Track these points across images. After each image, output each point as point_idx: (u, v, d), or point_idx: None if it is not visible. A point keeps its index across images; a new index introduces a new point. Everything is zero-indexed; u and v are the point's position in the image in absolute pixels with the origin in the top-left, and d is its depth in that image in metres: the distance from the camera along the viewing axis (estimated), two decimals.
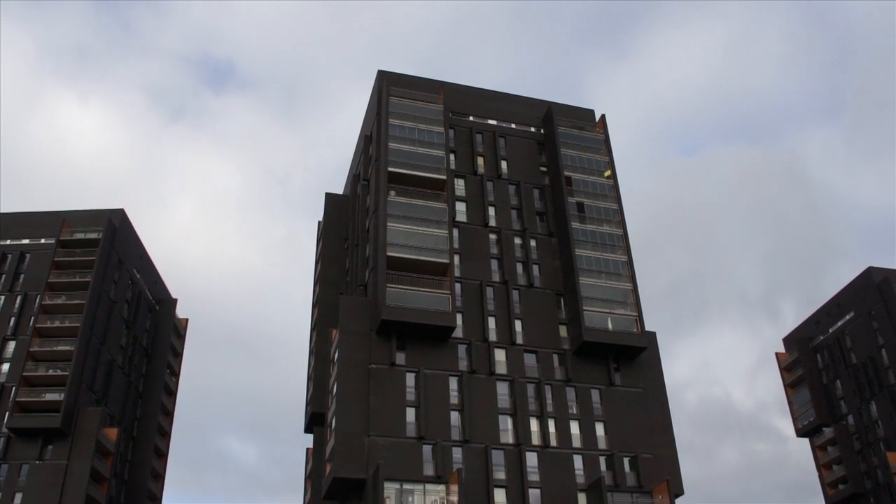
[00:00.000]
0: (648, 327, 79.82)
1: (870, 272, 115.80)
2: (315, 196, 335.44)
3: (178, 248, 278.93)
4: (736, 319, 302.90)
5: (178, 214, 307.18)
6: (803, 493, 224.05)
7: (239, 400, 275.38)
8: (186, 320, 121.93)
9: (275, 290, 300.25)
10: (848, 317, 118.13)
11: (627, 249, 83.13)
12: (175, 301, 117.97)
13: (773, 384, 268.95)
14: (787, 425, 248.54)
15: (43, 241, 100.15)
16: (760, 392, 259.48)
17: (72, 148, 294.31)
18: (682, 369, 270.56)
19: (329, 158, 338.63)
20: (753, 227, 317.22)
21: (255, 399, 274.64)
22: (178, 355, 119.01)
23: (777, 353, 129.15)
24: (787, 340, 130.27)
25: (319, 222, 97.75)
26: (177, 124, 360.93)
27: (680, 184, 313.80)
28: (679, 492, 73.87)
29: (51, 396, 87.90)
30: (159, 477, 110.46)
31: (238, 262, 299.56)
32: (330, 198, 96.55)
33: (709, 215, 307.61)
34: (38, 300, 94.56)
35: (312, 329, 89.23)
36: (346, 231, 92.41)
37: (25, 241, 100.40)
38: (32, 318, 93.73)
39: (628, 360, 78.59)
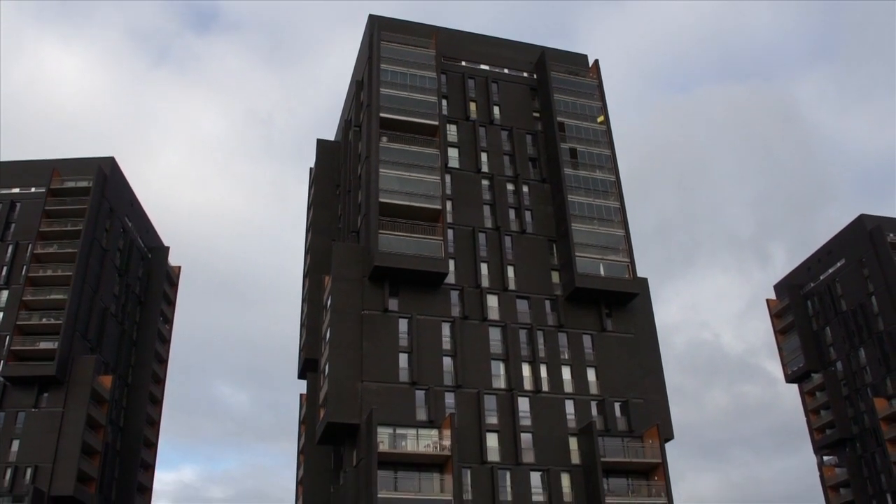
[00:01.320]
0: (638, 270, 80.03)
1: (862, 220, 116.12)
2: (303, 141, 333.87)
3: (167, 195, 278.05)
4: (726, 262, 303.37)
5: (165, 161, 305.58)
6: (791, 437, 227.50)
7: (231, 347, 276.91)
8: (179, 268, 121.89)
9: (265, 236, 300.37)
10: (839, 264, 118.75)
11: (620, 196, 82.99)
12: (167, 249, 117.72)
13: (762, 328, 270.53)
14: (776, 369, 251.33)
15: (33, 189, 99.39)
16: (750, 336, 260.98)
17: (56, 94, 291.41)
18: (671, 312, 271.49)
19: (317, 103, 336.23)
20: (744, 168, 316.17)
21: (247, 345, 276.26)
22: (171, 303, 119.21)
23: (768, 300, 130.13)
24: (779, 287, 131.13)
25: (311, 169, 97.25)
26: (161, 68, 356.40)
27: (670, 124, 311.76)
28: (669, 436, 74.82)
29: (45, 345, 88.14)
30: (155, 423, 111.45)
31: (228, 209, 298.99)
32: (321, 144, 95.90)
33: (699, 156, 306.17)
34: (29, 249, 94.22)
35: (305, 276, 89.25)
36: (338, 177, 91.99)
37: (16, 190, 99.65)
38: (24, 267, 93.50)
39: (620, 306, 79.00)
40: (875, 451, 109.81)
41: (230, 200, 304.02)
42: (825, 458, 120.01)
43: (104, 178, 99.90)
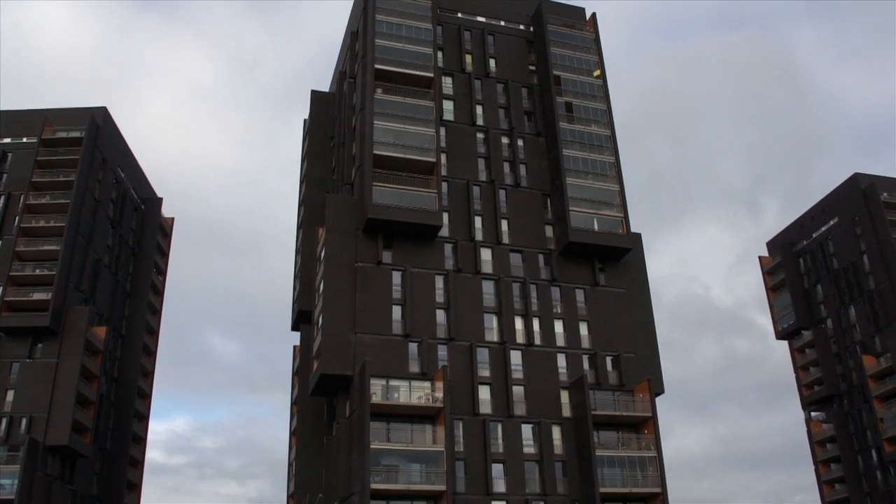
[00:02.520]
0: (629, 222, 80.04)
1: (856, 178, 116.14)
2: (292, 90, 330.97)
3: (157, 144, 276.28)
4: (717, 215, 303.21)
5: (154, 109, 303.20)
6: (779, 393, 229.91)
7: (223, 298, 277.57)
8: (172, 219, 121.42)
9: (256, 187, 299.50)
10: (832, 222, 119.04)
11: (615, 150, 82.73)
12: (160, 200, 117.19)
13: (753, 282, 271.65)
14: (766, 323, 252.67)
15: (25, 139, 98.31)
16: (740, 290, 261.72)
17: (43, 41, 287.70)
18: (661, 265, 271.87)
19: (307, 52, 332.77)
20: (738, 119, 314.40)
21: (239, 297, 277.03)
22: (165, 254, 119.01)
23: (760, 257, 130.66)
24: (771, 244, 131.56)
25: (305, 120, 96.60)
26: (148, 13, 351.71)
27: (663, 73, 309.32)
28: (659, 390, 75.59)
29: (38, 296, 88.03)
30: (149, 374, 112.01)
31: (218, 159, 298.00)
32: (315, 95, 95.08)
33: (692, 106, 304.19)
34: (21, 200, 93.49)
35: (298, 227, 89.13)
36: (333, 129, 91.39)
37: (7, 140, 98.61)
38: (17, 217, 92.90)
39: (613, 261, 79.19)
40: (862, 407, 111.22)
41: (221, 150, 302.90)
42: (813, 413, 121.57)
43: (96, 128, 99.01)
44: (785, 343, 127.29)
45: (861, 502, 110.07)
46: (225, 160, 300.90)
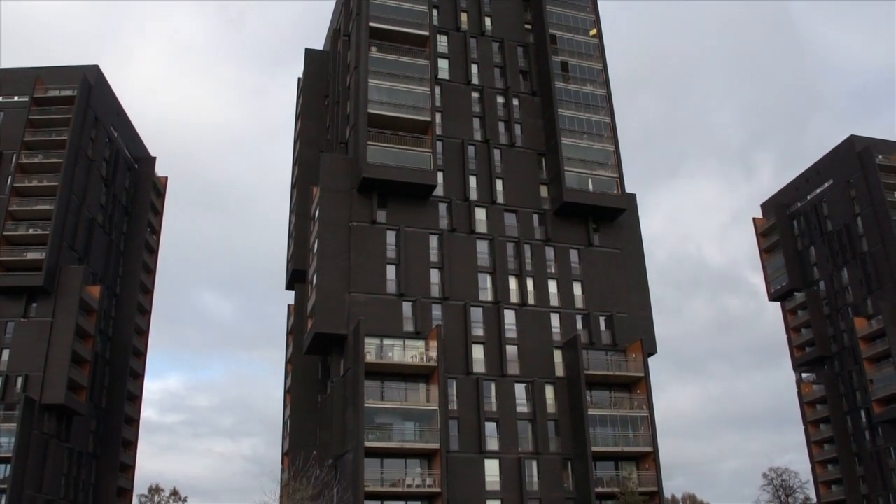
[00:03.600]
0: (624, 182, 79.98)
1: (851, 140, 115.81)
2: (286, 48, 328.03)
3: (150, 104, 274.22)
4: (711, 173, 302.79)
5: (144, 67, 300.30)
6: (770, 354, 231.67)
7: (217, 257, 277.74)
8: (166, 178, 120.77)
9: (249, 146, 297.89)
10: (827, 184, 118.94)
11: (611, 110, 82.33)
12: (154, 159, 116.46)
13: (745, 241, 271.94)
14: (758, 283, 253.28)
15: (16, 98, 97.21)
16: (733, 250, 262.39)
17: (31, 1, 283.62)
18: (653, 224, 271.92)
19: (297, 8, 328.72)
20: (733, 77, 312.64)
21: (233, 256, 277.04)
22: (159, 213, 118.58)
23: (754, 219, 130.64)
24: (765, 206, 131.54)
25: (299, 79, 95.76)
26: None
27: (658, 29, 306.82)
28: (652, 350, 76.06)
29: (32, 255, 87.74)
30: (143, 333, 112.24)
31: (212, 119, 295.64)
32: (309, 54, 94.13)
33: (687, 63, 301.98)
34: (14, 159, 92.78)
35: (293, 187, 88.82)
36: (327, 88, 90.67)
37: None
38: (10, 177, 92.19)
39: (607, 221, 79.26)
40: (852, 369, 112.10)
41: (214, 111, 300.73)
42: (804, 375, 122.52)
43: (89, 87, 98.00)
44: (776, 304, 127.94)
45: (849, 462, 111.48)
46: (218, 120, 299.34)
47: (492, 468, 67.36)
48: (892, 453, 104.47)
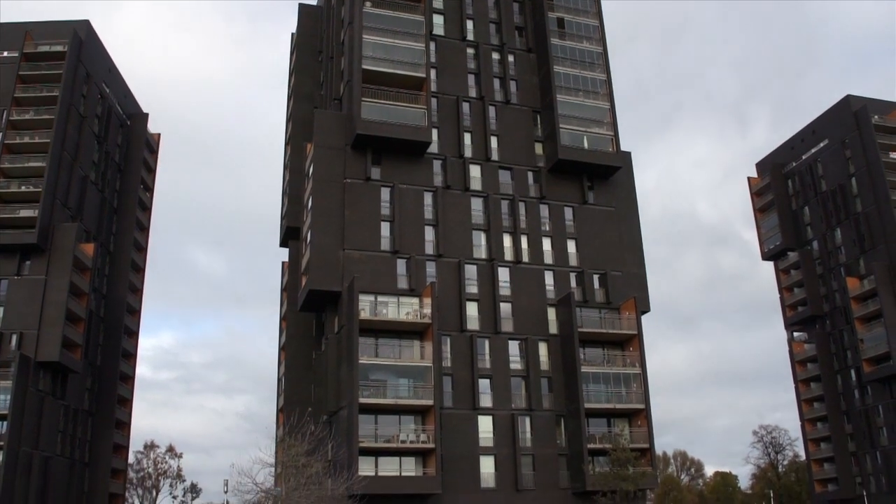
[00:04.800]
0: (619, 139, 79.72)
1: (848, 100, 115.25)
2: (281, 1, 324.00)
3: (141, 60, 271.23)
4: (705, 128, 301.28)
5: (134, 22, 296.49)
6: (762, 312, 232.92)
7: (210, 214, 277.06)
8: (159, 135, 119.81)
9: (242, 102, 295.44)
10: (822, 144, 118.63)
11: (606, 67, 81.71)
12: (146, 116, 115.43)
13: (739, 197, 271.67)
14: (751, 241, 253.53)
15: (6, 53, 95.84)
16: (726, 206, 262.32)
17: None
18: (645, 179, 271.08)
19: None
20: (728, 27, 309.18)
21: (226, 213, 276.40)
22: (152, 171, 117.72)
23: (749, 178, 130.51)
24: (760, 165, 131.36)
25: (293, 34, 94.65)
26: None
27: None
28: (646, 309, 76.38)
29: (25, 213, 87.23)
30: (137, 290, 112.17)
31: (203, 72, 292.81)
32: (303, 8, 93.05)
33: (681, 11, 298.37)
34: (4, 116, 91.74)
35: (287, 143, 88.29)
36: (321, 43, 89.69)
37: None
38: (1, 134, 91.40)
39: (602, 179, 79.08)
40: (844, 328, 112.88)
41: (204, 64, 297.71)
42: (795, 334, 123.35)
43: (79, 42, 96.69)
44: (769, 263, 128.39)
45: (838, 420, 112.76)
46: (210, 76, 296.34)
47: (485, 424, 67.96)
48: (881, 412, 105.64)
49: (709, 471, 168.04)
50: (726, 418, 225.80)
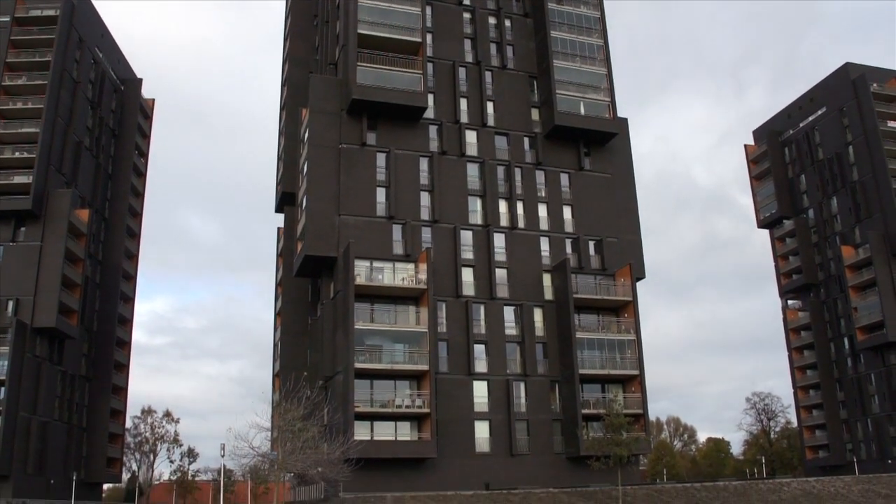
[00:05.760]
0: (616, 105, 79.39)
1: (847, 68, 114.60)
2: None
3: (133, 23, 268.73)
4: (702, 90, 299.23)
5: None
6: (757, 280, 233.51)
7: (205, 179, 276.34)
8: (153, 101, 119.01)
9: (236, 66, 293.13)
10: (820, 112, 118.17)
11: (604, 33, 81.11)
12: (140, 81, 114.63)
13: (735, 164, 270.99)
14: (747, 206, 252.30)
15: None
16: (722, 171, 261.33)
17: None
18: (640, 143, 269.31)
19: None
20: None
21: (221, 179, 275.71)
22: (146, 136, 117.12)
23: (746, 145, 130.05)
24: (757, 133, 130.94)
25: None
26: None
27: None
28: (641, 276, 76.58)
29: (19, 179, 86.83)
30: (133, 256, 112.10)
31: (196, 37, 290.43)
32: None
33: None
34: None
35: (282, 108, 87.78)
36: (316, 7, 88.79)
37: None
38: None
39: (598, 146, 78.85)
40: (838, 296, 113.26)
41: (197, 28, 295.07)
42: (790, 301, 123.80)
43: (71, 6, 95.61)
44: (764, 231, 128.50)
45: (830, 388, 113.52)
46: (203, 41, 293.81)
47: (480, 390, 68.38)
48: (873, 380, 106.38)
49: (701, 437, 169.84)
50: (719, 385, 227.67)
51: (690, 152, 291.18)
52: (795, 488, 58.05)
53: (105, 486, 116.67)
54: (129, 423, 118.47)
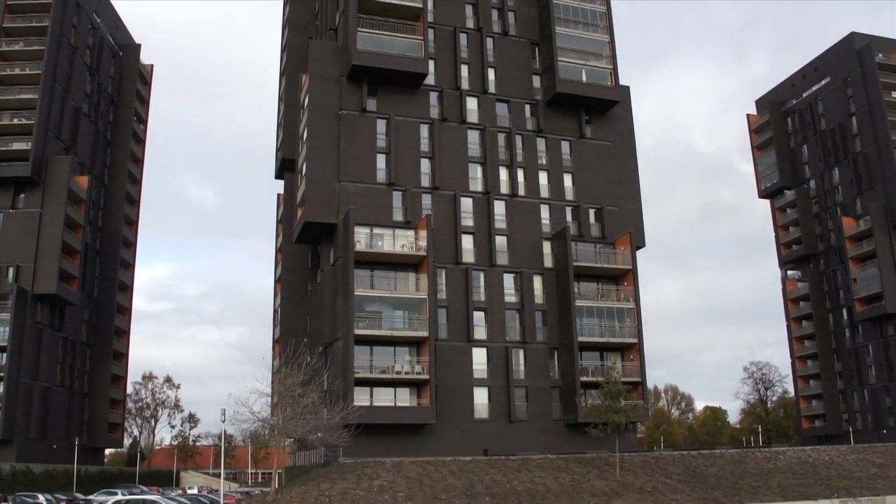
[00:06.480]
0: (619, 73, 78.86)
1: (852, 37, 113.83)
2: None
3: None
4: (703, 58, 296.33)
5: None
6: (757, 250, 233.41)
7: (204, 146, 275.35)
8: (152, 66, 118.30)
9: (235, 30, 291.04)
10: (824, 82, 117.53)
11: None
12: (139, 46, 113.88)
13: (736, 131, 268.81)
14: (747, 175, 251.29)
15: None
16: (723, 139, 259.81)
17: None
18: (642, 109, 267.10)
19: None
20: None
21: (219, 145, 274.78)
22: (145, 102, 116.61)
23: (748, 115, 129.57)
24: (760, 102, 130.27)
25: None
26: None
27: None
28: (641, 244, 76.46)
29: (18, 145, 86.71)
30: (133, 222, 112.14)
31: (196, 1, 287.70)
32: None
33: None
34: None
35: (281, 74, 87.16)
36: None
37: None
38: None
39: (600, 113, 78.37)
40: (837, 267, 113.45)
41: None
42: (789, 272, 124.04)
43: None
44: (765, 202, 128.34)
45: (828, 358, 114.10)
46: (204, 6, 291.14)
47: (479, 356, 68.55)
48: (870, 351, 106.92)
49: (699, 405, 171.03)
50: (717, 354, 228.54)
51: (691, 119, 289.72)
52: (791, 457, 58.43)
53: (107, 451, 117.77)
54: (130, 389, 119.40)
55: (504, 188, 73.30)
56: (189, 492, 77.99)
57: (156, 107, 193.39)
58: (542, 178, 75.09)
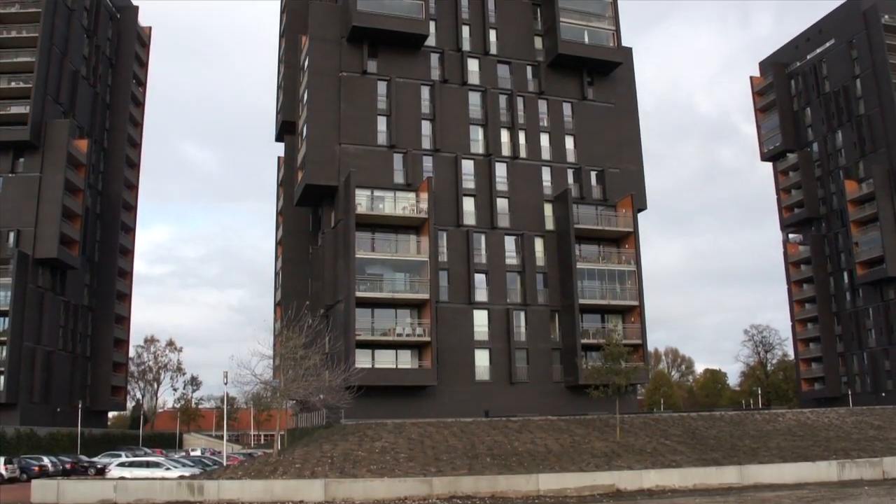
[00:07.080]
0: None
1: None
2: None
3: None
4: (705, 17, 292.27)
5: None
6: (758, 212, 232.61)
7: (202, 108, 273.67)
8: (150, 28, 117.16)
9: None
10: (828, 44, 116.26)
11: None
12: (136, 8, 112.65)
13: (739, 93, 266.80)
14: (749, 136, 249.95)
15: None
16: (725, 100, 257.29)
17: None
18: (642, 69, 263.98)
19: None
20: None
21: (218, 107, 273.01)
22: (144, 65, 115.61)
23: (751, 77, 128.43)
24: (763, 64, 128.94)
25: None
26: None
27: None
28: (642, 206, 76.27)
29: (16, 109, 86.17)
30: (133, 186, 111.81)
31: None
32: None
33: None
34: None
35: (281, 36, 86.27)
36: None
37: None
38: None
39: (602, 75, 77.67)
40: (839, 231, 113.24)
41: None
42: (791, 235, 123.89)
43: None
44: (767, 165, 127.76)
45: (828, 321, 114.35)
46: None
47: (480, 318, 68.71)
48: (870, 314, 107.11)
49: (699, 368, 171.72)
50: (718, 316, 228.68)
51: (693, 81, 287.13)
52: (790, 419, 58.61)
53: (110, 414, 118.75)
54: (132, 353, 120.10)
55: (505, 150, 72.90)
56: (192, 454, 78.73)
57: (154, 70, 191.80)
58: (544, 140, 74.65)
